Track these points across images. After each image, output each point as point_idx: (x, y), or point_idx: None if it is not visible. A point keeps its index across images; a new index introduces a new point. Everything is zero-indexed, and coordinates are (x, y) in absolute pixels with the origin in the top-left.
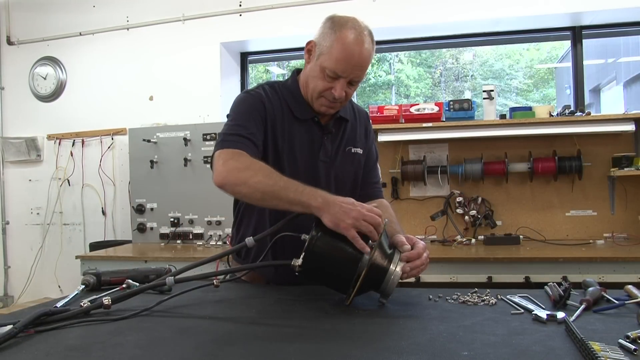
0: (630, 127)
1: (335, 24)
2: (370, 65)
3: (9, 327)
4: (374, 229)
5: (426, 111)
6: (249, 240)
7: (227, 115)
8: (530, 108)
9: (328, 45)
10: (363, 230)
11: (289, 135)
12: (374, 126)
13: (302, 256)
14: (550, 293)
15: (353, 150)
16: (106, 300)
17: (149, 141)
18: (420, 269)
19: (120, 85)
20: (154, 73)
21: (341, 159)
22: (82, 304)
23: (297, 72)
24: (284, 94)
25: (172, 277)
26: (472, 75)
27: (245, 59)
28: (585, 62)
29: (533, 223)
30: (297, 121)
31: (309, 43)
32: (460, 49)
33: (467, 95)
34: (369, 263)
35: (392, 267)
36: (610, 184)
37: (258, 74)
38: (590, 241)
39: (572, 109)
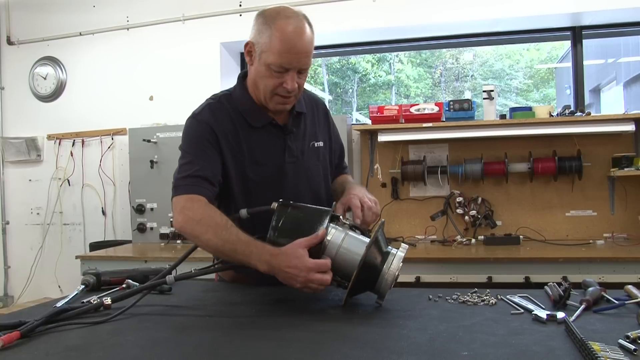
0: (630, 127)
1: (268, 17)
2: (313, 50)
3: None
4: (322, 287)
5: (426, 111)
6: (243, 212)
7: (180, 147)
8: (530, 108)
9: (267, 42)
10: (312, 290)
11: (248, 146)
12: (375, 126)
13: None
14: (550, 293)
15: (316, 144)
16: (106, 300)
17: (149, 141)
18: (372, 215)
19: (120, 85)
20: (154, 73)
21: (307, 155)
22: (92, 300)
23: (243, 77)
24: (234, 105)
25: (173, 276)
26: (472, 76)
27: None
28: (585, 62)
29: (533, 223)
30: (255, 129)
31: (246, 45)
32: (461, 49)
33: (467, 95)
34: (360, 263)
35: (385, 267)
36: (610, 184)
37: None
38: (590, 241)
39: (572, 109)
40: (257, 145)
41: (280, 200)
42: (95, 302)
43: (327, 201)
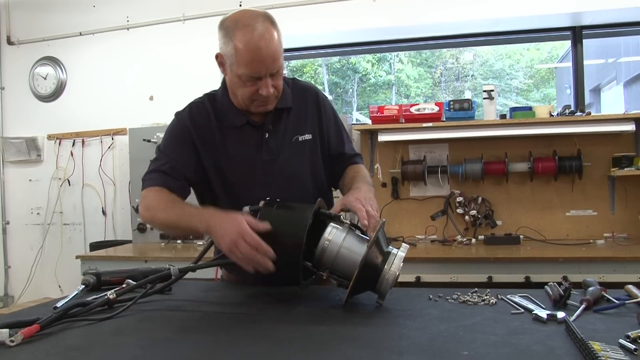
0: (630, 127)
1: (227, 29)
2: (282, 48)
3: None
4: (254, 252)
5: (426, 111)
6: (245, 209)
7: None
8: (530, 108)
9: (232, 54)
10: (242, 254)
11: (223, 145)
12: (375, 126)
13: None
14: (551, 293)
15: (301, 138)
16: (111, 295)
17: (149, 141)
18: (374, 223)
19: (121, 85)
20: (154, 73)
21: (289, 152)
22: (109, 295)
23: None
24: (215, 105)
25: (177, 268)
26: (472, 75)
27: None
28: (585, 62)
29: (533, 223)
30: (232, 129)
31: (217, 57)
32: (461, 49)
33: (468, 95)
34: (361, 263)
35: (386, 267)
36: (611, 184)
37: None
38: (591, 241)
39: (572, 109)
40: (233, 144)
41: (268, 198)
42: (112, 296)
43: (320, 195)
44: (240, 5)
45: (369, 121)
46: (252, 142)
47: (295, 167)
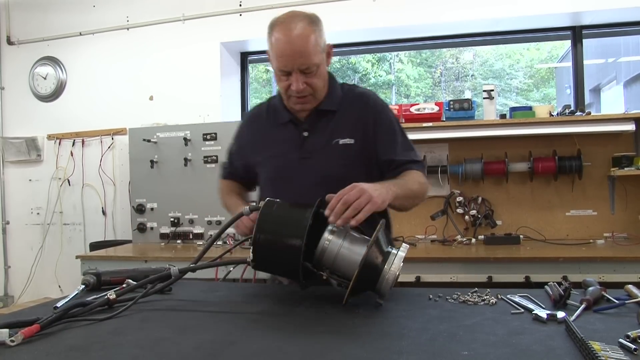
0: (630, 126)
1: (270, 27)
2: (317, 48)
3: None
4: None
5: (426, 111)
6: (245, 209)
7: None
8: (530, 108)
9: (269, 49)
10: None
11: (268, 141)
12: None
13: (251, 250)
14: (551, 293)
15: (341, 142)
16: (111, 295)
17: (149, 141)
18: (349, 211)
19: (120, 85)
20: (154, 73)
21: (326, 153)
22: (109, 295)
23: None
24: (270, 104)
25: (177, 268)
26: (472, 75)
27: (245, 58)
28: (585, 62)
29: (533, 223)
30: (277, 127)
31: (268, 53)
32: (461, 48)
33: (467, 95)
34: (361, 263)
35: (386, 267)
36: (611, 184)
37: (258, 74)
38: (591, 241)
39: (572, 108)
40: (277, 140)
41: (268, 198)
42: (112, 296)
43: None
44: (240, 5)
45: None
46: (292, 140)
47: (330, 169)
